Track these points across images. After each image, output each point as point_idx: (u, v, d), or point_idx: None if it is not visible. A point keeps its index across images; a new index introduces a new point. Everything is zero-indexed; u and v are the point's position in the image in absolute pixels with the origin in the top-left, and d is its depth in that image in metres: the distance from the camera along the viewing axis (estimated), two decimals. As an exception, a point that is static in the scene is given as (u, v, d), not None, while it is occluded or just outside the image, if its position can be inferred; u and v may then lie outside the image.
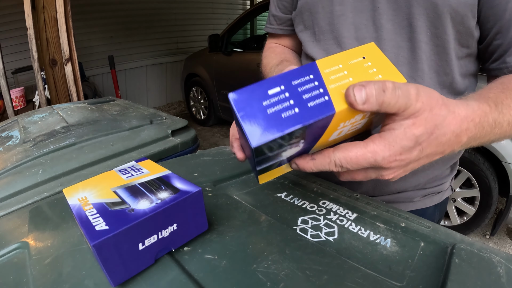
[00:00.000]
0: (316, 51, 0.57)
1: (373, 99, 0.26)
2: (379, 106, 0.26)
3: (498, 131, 0.35)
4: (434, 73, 0.50)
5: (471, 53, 0.50)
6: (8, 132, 0.88)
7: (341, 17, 0.52)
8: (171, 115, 0.98)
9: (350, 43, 0.52)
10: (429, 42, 0.48)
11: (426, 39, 0.47)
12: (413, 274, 0.33)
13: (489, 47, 0.48)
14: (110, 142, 0.76)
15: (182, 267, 0.32)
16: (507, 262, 0.34)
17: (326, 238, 0.38)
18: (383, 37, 0.49)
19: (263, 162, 0.30)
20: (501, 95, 0.37)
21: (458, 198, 1.77)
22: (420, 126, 0.28)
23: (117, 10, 3.91)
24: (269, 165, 0.32)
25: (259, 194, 0.48)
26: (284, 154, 0.30)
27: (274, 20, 0.68)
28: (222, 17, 5.17)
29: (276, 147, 0.27)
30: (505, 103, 0.36)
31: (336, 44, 0.54)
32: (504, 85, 0.40)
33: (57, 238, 0.38)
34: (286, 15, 0.65)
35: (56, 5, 1.67)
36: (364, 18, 0.50)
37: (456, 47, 0.48)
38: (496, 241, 1.89)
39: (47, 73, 1.81)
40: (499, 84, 0.40)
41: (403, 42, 0.49)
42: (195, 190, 0.33)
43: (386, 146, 0.28)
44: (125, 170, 0.40)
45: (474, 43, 0.49)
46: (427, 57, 0.48)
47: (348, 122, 0.29)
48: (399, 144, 0.28)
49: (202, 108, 3.87)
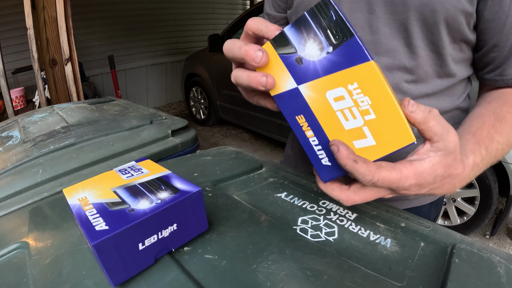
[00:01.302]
0: None
1: (420, 110, 0.28)
2: (422, 120, 0.28)
3: (483, 168, 0.39)
4: (431, 78, 0.50)
5: (467, 58, 0.51)
6: (8, 132, 0.88)
7: None
8: (171, 115, 0.98)
9: None
10: (425, 48, 0.48)
11: (422, 45, 0.47)
12: (413, 274, 0.33)
13: (485, 57, 0.48)
14: (110, 142, 0.76)
15: (182, 267, 0.32)
16: (507, 262, 0.34)
17: (326, 238, 0.38)
18: (380, 41, 0.49)
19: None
20: (491, 132, 0.40)
21: (458, 198, 1.77)
22: (443, 167, 0.30)
23: (117, 10, 3.91)
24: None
25: (259, 194, 0.48)
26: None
27: (268, 19, 0.67)
28: (222, 17, 5.17)
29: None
30: (495, 140, 0.40)
31: None
32: (496, 116, 0.43)
33: (57, 238, 0.38)
34: (281, 14, 0.64)
35: (56, 5, 1.67)
36: (360, 21, 0.49)
37: (452, 52, 0.48)
38: (496, 241, 1.89)
39: (47, 73, 1.81)
40: (491, 115, 0.43)
41: (400, 47, 0.48)
42: (195, 190, 0.33)
43: (414, 175, 0.30)
44: (125, 170, 0.40)
45: (469, 50, 0.50)
46: (424, 62, 0.49)
47: (335, 98, 0.30)
48: (423, 177, 0.30)
49: (202, 108, 3.87)
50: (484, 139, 0.39)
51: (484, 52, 0.48)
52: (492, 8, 0.44)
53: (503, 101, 0.46)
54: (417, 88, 0.50)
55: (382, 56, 0.49)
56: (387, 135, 0.29)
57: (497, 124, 0.42)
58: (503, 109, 0.44)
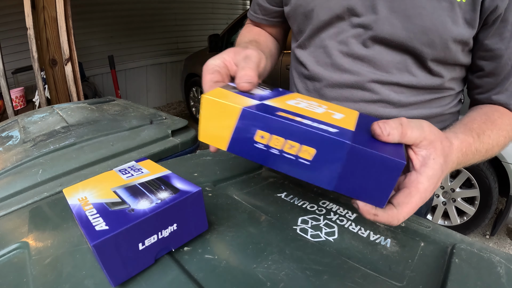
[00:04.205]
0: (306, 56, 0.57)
1: (395, 131, 0.29)
2: (400, 136, 0.30)
3: (477, 157, 0.41)
4: (422, 91, 0.51)
5: (459, 77, 0.53)
6: (8, 132, 0.88)
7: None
8: (171, 115, 0.98)
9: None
10: (419, 69, 0.49)
11: (416, 65, 0.49)
12: (413, 274, 0.33)
13: (478, 80, 0.52)
14: (110, 142, 0.76)
15: (182, 267, 0.32)
16: (507, 262, 0.34)
17: (326, 238, 0.38)
18: (374, 56, 0.49)
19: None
20: (483, 126, 0.43)
21: (458, 198, 1.77)
22: (441, 156, 0.31)
23: (117, 10, 3.90)
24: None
25: (259, 194, 0.48)
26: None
27: (259, 9, 0.65)
28: (222, 17, 5.17)
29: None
30: (486, 134, 0.42)
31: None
32: (487, 117, 0.46)
33: (57, 238, 0.38)
34: (273, 7, 0.63)
35: (56, 5, 1.67)
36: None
37: (446, 73, 0.50)
38: (496, 241, 1.89)
39: (47, 73, 1.81)
40: (482, 115, 0.46)
41: (393, 64, 0.49)
42: (195, 190, 0.33)
43: (429, 180, 0.31)
44: (125, 170, 0.40)
45: (462, 70, 0.52)
46: (418, 81, 0.50)
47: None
48: (436, 176, 0.31)
49: (202, 108, 3.87)
50: (475, 129, 0.41)
51: (478, 76, 0.51)
52: (493, 39, 0.45)
53: (494, 109, 0.49)
54: (406, 98, 0.51)
55: (374, 69, 0.50)
56: None
57: (488, 123, 0.44)
58: (495, 114, 0.47)
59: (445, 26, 0.43)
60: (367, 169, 0.28)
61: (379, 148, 0.28)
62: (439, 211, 1.84)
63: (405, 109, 0.52)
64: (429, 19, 0.43)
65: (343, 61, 0.51)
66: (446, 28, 0.43)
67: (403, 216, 0.31)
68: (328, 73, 0.53)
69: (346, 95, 0.53)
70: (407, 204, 0.30)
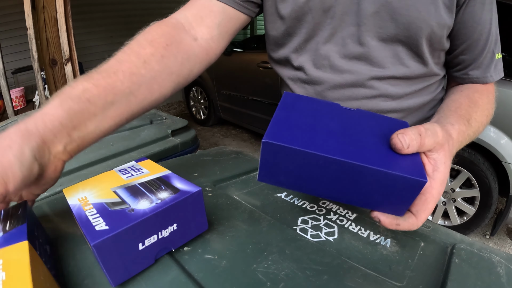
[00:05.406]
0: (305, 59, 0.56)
1: (414, 142, 0.31)
2: (418, 147, 0.31)
3: (468, 141, 0.44)
4: (415, 81, 0.54)
5: (443, 61, 0.56)
6: (8, 132, 0.88)
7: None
8: (171, 115, 0.98)
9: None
10: (412, 59, 0.51)
11: (409, 56, 0.50)
12: (413, 274, 0.33)
13: (455, 59, 0.54)
14: (110, 142, 0.76)
15: (182, 267, 0.32)
16: (507, 262, 0.34)
17: (326, 238, 0.38)
18: (369, 53, 0.50)
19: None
20: (469, 110, 0.46)
21: (458, 198, 1.77)
22: (449, 158, 0.33)
23: (117, 10, 3.91)
24: None
25: (259, 194, 0.48)
26: None
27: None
28: (222, 17, 5.17)
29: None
30: (473, 118, 0.45)
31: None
32: (470, 99, 0.49)
33: (57, 238, 0.38)
34: None
35: (56, 5, 1.67)
36: (350, 33, 0.50)
37: (434, 59, 0.53)
38: (496, 241, 1.89)
39: (47, 73, 1.81)
40: (465, 98, 0.49)
41: (388, 58, 0.50)
42: (195, 190, 0.33)
43: (441, 184, 0.32)
44: (125, 170, 0.40)
45: (444, 55, 0.55)
46: (411, 71, 0.52)
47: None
48: (445, 178, 0.33)
49: (202, 108, 3.87)
50: (464, 115, 0.44)
51: (454, 55, 0.54)
52: (464, 17, 0.48)
53: (473, 89, 0.52)
54: (402, 89, 0.54)
55: (372, 67, 0.51)
56: None
57: (472, 105, 0.47)
58: (475, 95, 0.50)
59: (430, 14, 0.45)
60: (389, 187, 0.29)
61: (398, 165, 0.29)
62: (439, 211, 1.84)
63: (402, 100, 0.54)
64: (414, 9, 0.45)
65: (341, 62, 0.52)
66: (431, 16, 0.46)
67: (421, 222, 0.32)
68: (328, 75, 0.54)
69: (348, 94, 0.54)
70: (425, 211, 0.32)
